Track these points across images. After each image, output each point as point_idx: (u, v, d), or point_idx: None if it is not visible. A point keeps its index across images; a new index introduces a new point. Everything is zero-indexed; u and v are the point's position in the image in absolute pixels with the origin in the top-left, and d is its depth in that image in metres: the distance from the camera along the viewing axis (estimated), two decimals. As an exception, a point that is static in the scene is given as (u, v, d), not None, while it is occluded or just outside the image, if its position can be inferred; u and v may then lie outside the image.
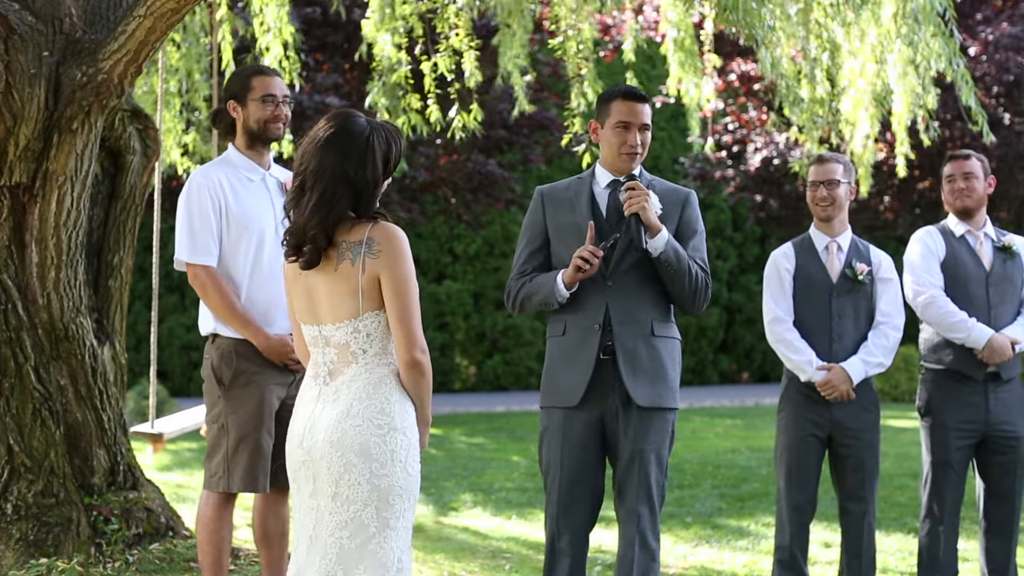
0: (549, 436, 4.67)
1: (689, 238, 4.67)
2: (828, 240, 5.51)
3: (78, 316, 6.03)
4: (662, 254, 4.54)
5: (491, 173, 16.46)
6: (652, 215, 4.53)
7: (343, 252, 3.65)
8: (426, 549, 7.18)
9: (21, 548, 5.75)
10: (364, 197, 3.67)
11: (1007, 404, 5.62)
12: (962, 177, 5.69)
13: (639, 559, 4.55)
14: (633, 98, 4.64)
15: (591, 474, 4.62)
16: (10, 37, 5.71)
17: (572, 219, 4.69)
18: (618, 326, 4.56)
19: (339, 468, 3.63)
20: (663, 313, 4.66)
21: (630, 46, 9.02)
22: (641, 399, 4.54)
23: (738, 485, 9.68)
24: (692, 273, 4.58)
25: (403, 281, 3.64)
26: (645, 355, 4.58)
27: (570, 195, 4.75)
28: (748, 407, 17.29)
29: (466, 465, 11.04)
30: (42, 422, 5.89)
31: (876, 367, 5.38)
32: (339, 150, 3.64)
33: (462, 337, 21.65)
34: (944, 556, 5.65)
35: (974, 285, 5.63)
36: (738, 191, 19.27)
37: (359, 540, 3.63)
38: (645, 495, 4.56)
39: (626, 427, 4.56)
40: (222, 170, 5.10)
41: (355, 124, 3.68)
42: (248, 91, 5.11)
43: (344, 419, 3.64)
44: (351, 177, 3.64)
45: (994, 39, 16.30)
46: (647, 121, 4.65)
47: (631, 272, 4.60)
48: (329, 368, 3.73)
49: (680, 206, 4.69)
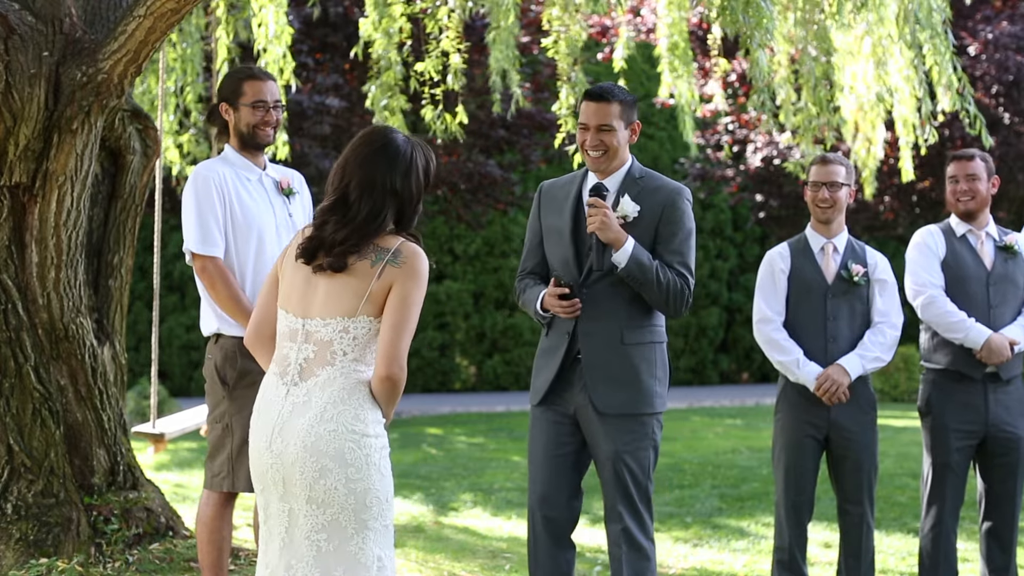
0: (530, 431, 4.86)
1: (669, 240, 4.68)
2: (824, 241, 5.51)
3: (78, 316, 6.03)
4: (623, 269, 4.60)
5: (491, 173, 16.46)
6: (611, 232, 4.59)
7: (365, 253, 3.67)
8: (426, 549, 7.18)
9: (21, 548, 5.75)
10: (407, 212, 3.73)
11: (1007, 405, 5.62)
12: (965, 179, 5.67)
13: (628, 558, 4.65)
14: (592, 98, 4.72)
15: (567, 469, 4.74)
16: (10, 37, 5.71)
17: (557, 222, 4.78)
18: (584, 336, 4.67)
19: (314, 473, 3.62)
20: (639, 319, 4.70)
21: (621, 54, 9.01)
22: (605, 407, 4.64)
23: (738, 485, 9.68)
24: (662, 282, 4.60)
25: (411, 298, 3.65)
26: (614, 363, 4.65)
27: (562, 195, 4.83)
28: (748, 407, 17.29)
29: (466, 465, 11.04)
30: (42, 422, 5.89)
31: (872, 362, 5.37)
32: (387, 164, 3.69)
33: (462, 337, 21.65)
34: (944, 556, 5.65)
35: (974, 285, 5.63)
36: (738, 191, 19.27)
37: (336, 542, 3.64)
38: (623, 495, 4.66)
39: (598, 431, 4.67)
40: (224, 167, 5.12)
41: (399, 139, 3.75)
42: (239, 95, 5.11)
43: (318, 423, 3.63)
44: (398, 191, 3.69)
45: (994, 38, 16.30)
46: (607, 121, 4.67)
47: (601, 282, 4.68)
48: (301, 367, 3.70)
49: (662, 207, 4.70)
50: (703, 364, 22.58)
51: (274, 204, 5.10)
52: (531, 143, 17.18)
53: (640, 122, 4.81)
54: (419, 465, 11.06)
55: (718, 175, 19.14)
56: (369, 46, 8.30)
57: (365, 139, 3.76)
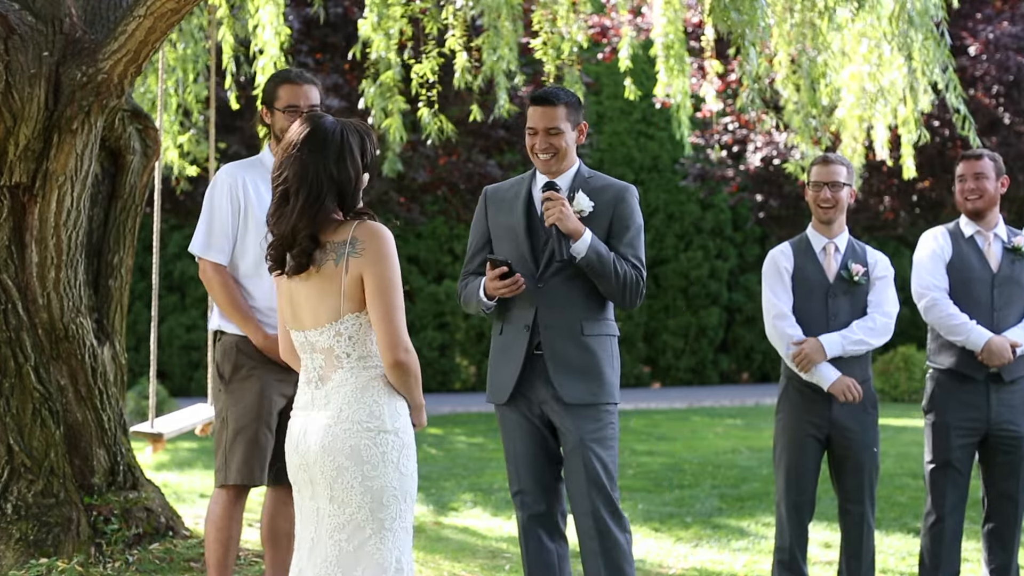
0: (501, 430, 4.93)
1: (621, 235, 4.77)
2: (826, 241, 5.51)
3: (78, 316, 6.03)
4: (583, 259, 4.67)
5: (491, 173, 16.46)
6: (570, 222, 4.66)
7: (327, 253, 3.66)
8: (426, 549, 7.18)
9: (21, 548, 5.75)
10: (348, 194, 3.69)
11: (1010, 404, 5.62)
12: (972, 177, 5.67)
13: (603, 549, 4.69)
14: (538, 103, 4.78)
15: (543, 462, 4.82)
16: (10, 37, 5.71)
17: (509, 220, 4.86)
18: (544, 329, 4.73)
19: (332, 472, 3.65)
20: (596, 312, 4.78)
21: (626, 54, 9.02)
22: (570, 396, 4.71)
23: (738, 485, 9.68)
24: (618, 272, 4.69)
25: (385, 280, 3.62)
26: (574, 354, 4.72)
27: (510, 196, 4.89)
28: (748, 407, 17.28)
29: (466, 465, 11.04)
30: (42, 422, 5.89)
31: (854, 344, 5.35)
32: (317, 150, 3.66)
33: (462, 337, 21.65)
34: (945, 556, 5.65)
35: (979, 287, 5.62)
36: (738, 191, 19.27)
37: (356, 542, 3.65)
38: (593, 483, 4.70)
39: (563, 422, 4.74)
40: (249, 171, 5.19)
41: (326, 123, 3.71)
42: (275, 99, 5.18)
43: (335, 423, 3.66)
44: (334, 175, 3.66)
45: (994, 38, 16.29)
46: (554, 124, 4.74)
47: (559, 274, 4.74)
48: (319, 373, 3.74)
49: (613, 204, 4.78)
50: (703, 364, 22.57)
51: None
52: (531, 143, 17.16)
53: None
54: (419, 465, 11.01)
55: (718, 175, 19.13)
56: (368, 47, 8.29)
57: (294, 131, 3.73)
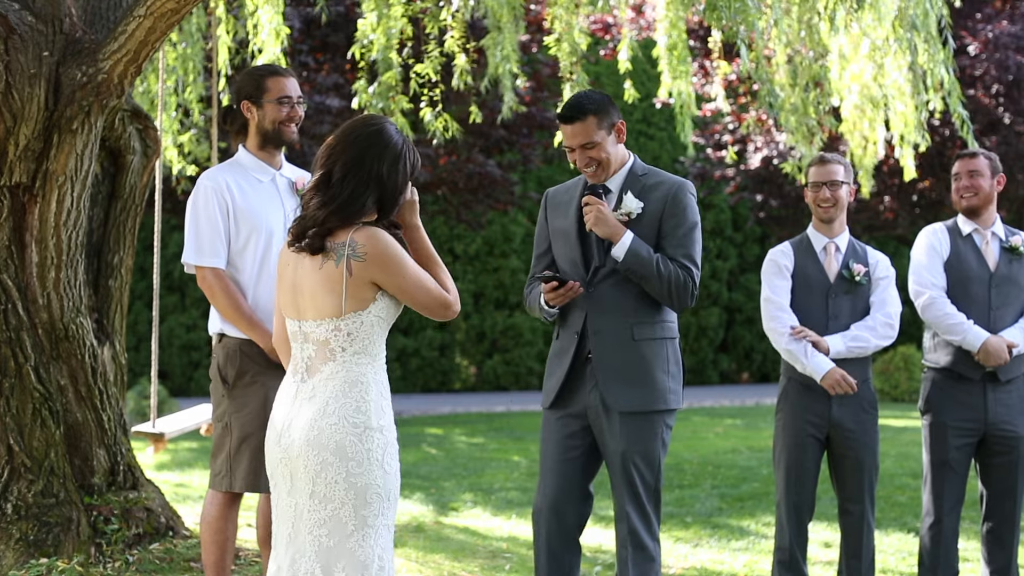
0: (541, 434, 4.84)
1: (672, 233, 4.66)
2: (826, 241, 5.51)
3: (78, 316, 6.03)
4: (622, 263, 4.60)
5: (491, 173, 16.46)
6: (608, 227, 4.59)
7: (328, 253, 3.66)
8: (426, 549, 7.18)
9: (21, 548, 5.75)
10: (388, 201, 3.71)
11: (1007, 404, 5.61)
12: (967, 175, 5.67)
13: (633, 558, 4.64)
14: (565, 120, 4.68)
15: (576, 473, 4.72)
16: (10, 37, 5.71)
17: (563, 225, 4.80)
18: (594, 335, 4.66)
19: (315, 466, 3.63)
20: (648, 316, 4.68)
21: (625, 56, 9.01)
22: (617, 404, 4.62)
23: (738, 485, 9.69)
24: (663, 274, 4.58)
25: (402, 277, 3.66)
26: (624, 360, 4.63)
27: (566, 200, 4.83)
28: (748, 407, 17.29)
29: (466, 465, 11.04)
30: (42, 422, 5.89)
31: (855, 340, 5.36)
32: (379, 149, 3.68)
33: (462, 337, 21.65)
34: (944, 556, 5.65)
35: (976, 286, 5.62)
36: (738, 191, 19.27)
37: (337, 538, 3.64)
38: (631, 496, 4.64)
39: (609, 430, 4.65)
40: (230, 173, 5.09)
41: (393, 129, 3.74)
42: (263, 92, 5.08)
43: (320, 417, 3.65)
44: (383, 178, 3.68)
45: (994, 38, 16.30)
46: (588, 139, 4.63)
47: (609, 279, 4.67)
48: (307, 364, 3.73)
49: (664, 202, 4.69)
50: (703, 364, 22.58)
51: (286, 204, 5.08)
52: (531, 143, 17.18)
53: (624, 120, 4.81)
54: (419, 465, 11.06)
55: (718, 175, 19.14)
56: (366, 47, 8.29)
57: (360, 122, 3.75)
